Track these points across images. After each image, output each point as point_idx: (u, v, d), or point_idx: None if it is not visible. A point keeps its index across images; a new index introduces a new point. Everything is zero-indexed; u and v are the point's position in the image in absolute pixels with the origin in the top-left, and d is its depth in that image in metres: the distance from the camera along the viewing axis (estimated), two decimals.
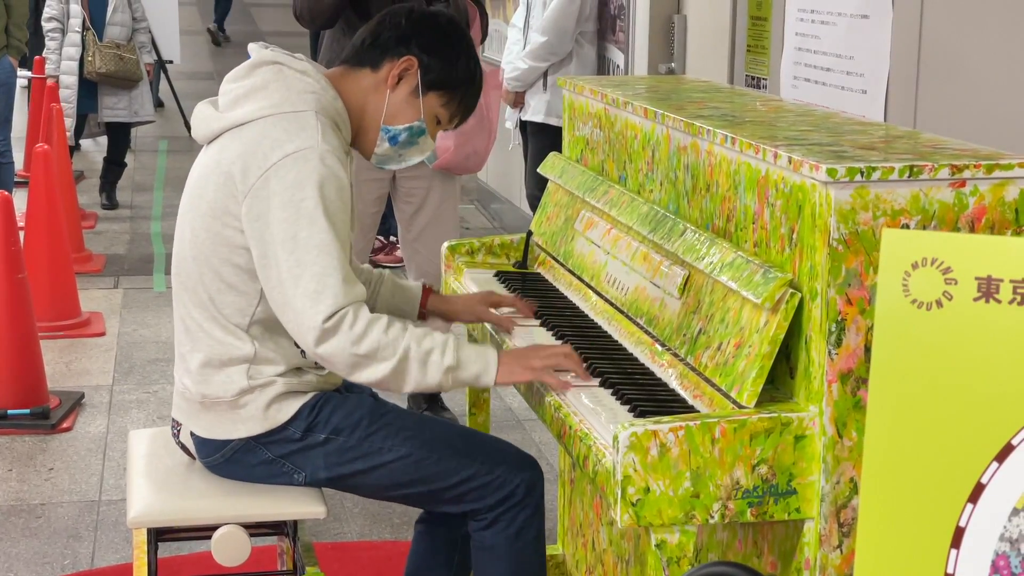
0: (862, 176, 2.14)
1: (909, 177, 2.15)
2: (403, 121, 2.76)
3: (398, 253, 7.09)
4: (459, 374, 2.58)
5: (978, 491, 1.39)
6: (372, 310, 2.72)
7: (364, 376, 2.56)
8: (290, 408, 2.67)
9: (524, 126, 6.40)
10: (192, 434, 2.76)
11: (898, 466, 1.44)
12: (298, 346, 2.65)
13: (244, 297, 2.63)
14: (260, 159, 2.57)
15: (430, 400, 4.75)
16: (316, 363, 2.69)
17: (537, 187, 5.94)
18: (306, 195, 2.53)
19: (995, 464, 1.38)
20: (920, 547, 1.44)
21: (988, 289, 1.38)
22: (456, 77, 2.78)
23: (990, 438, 1.38)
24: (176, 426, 2.81)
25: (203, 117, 2.72)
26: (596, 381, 2.56)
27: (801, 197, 2.23)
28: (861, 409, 2.18)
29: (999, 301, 1.37)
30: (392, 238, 7.33)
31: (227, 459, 2.72)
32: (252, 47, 2.76)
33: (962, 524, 1.41)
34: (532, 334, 2.90)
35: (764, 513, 2.21)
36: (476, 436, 2.80)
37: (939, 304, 1.42)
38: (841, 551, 2.21)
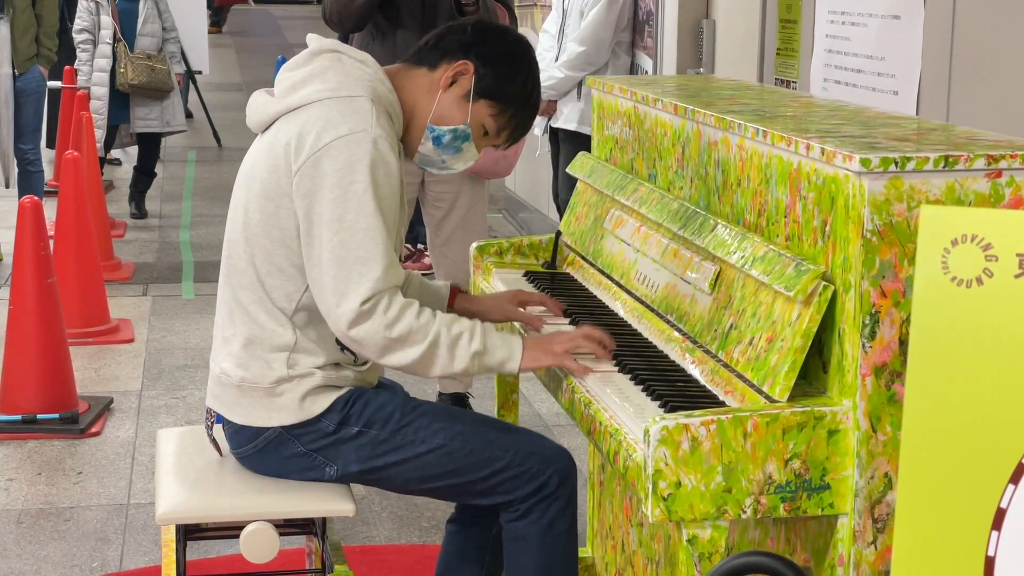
0: (896, 167, 2.11)
1: (944, 167, 2.12)
2: (449, 123, 2.76)
3: (426, 260, 7.08)
4: (485, 360, 2.63)
5: (1020, 471, 1.37)
6: None
7: (394, 360, 2.60)
8: (324, 401, 2.67)
9: (554, 133, 6.38)
10: (225, 425, 2.76)
11: (937, 447, 1.42)
12: (339, 341, 2.66)
13: (293, 281, 2.65)
14: (313, 139, 2.59)
15: (457, 403, 4.73)
16: (355, 360, 2.71)
17: (569, 194, 5.91)
18: (356, 178, 2.56)
19: None
20: (960, 528, 1.41)
21: None
22: (510, 92, 2.77)
23: None
24: (210, 417, 2.81)
25: (259, 104, 2.74)
26: (612, 363, 2.62)
27: (834, 189, 2.21)
28: (896, 403, 2.15)
29: None
30: (420, 245, 7.33)
31: (259, 450, 2.71)
32: (311, 37, 2.79)
33: (1003, 505, 1.38)
34: None
35: (797, 508, 2.18)
36: (508, 428, 2.79)
37: (979, 281, 1.40)
38: (876, 547, 2.18)
